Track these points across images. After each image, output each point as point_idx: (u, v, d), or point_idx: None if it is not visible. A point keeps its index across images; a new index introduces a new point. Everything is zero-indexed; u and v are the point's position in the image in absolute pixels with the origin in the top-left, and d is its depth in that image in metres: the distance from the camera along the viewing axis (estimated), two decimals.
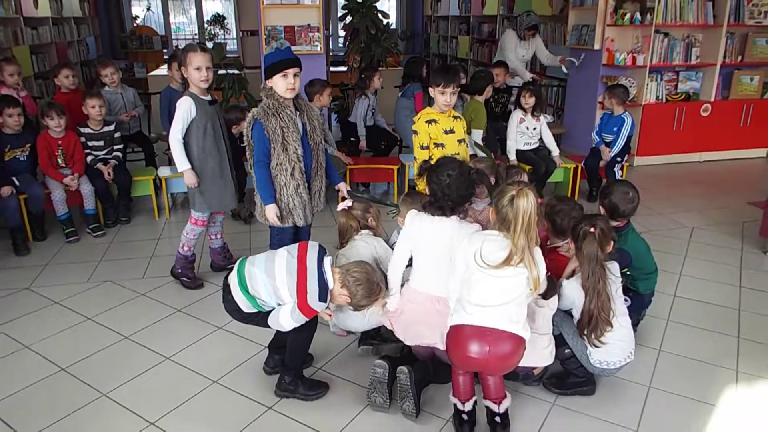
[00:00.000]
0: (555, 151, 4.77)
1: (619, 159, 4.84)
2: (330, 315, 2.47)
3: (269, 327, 2.35)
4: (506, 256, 2.03)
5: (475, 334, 2.06)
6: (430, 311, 2.40)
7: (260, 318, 2.35)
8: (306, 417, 2.36)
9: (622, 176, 4.88)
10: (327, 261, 2.31)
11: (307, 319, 2.29)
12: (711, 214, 4.65)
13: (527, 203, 2.01)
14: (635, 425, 2.30)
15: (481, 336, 2.05)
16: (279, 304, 2.30)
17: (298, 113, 2.85)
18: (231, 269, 3.39)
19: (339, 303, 2.38)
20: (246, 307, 2.33)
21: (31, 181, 4.08)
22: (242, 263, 2.36)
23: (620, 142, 4.77)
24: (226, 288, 2.36)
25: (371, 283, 2.30)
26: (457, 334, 2.11)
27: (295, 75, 2.74)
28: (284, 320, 2.28)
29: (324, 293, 2.25)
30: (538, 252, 2.10)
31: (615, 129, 4.81)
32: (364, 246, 2.80)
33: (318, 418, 2.35)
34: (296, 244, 2.39)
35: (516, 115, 4.70)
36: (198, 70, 3.06)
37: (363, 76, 5.18)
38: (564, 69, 6.05)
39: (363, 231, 2.91)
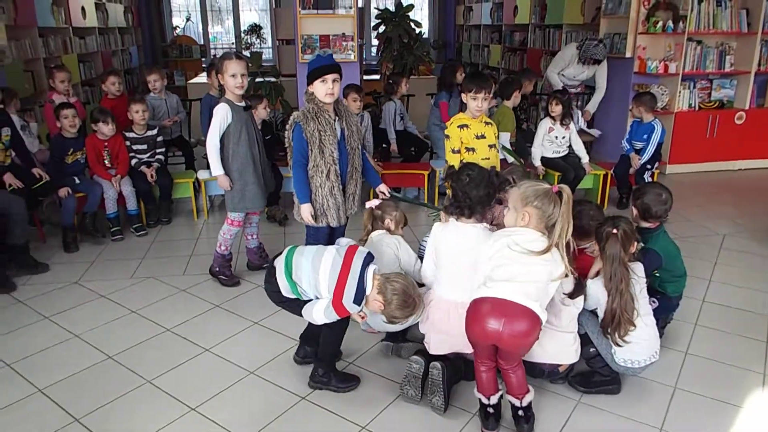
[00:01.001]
0: (585, 158, 4.80)
1: (649, 166, 4.84)
2: (363, 317, 2.52)
3: (301, 316, 2.45)
4: (541, 248, 2.12)
5: (493, 307, 2.10)
6: (453, 318, 2.46)
7: (295, 305, 2.46)
8: (337, 407, 2.46)
9: None
10: (371, 268, 2.37)
11: (339, 318, 2.39)
12: (744, 221, 4.62)
13: (569, 199, 2.14)
14: (660, 424, 2.34)
15: (498, 308, 2.09)
16: (316, 297, 2.41)
17: (337, 118, 2.98)
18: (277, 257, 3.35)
19: (373, 309, 2.42)
20: (285, 291, 2.43)
21: (90, 182, 4.31)
22: (291, 251, 2.46)
23: (650, 149, 4.78)
24: (271, 270, 2.46)
25: (407, 296, 2.34)
26: (475, 306, 2.16)
27: (334, 81, 2.85)
28: (317, 314, 2.38)
29: (360, 297, 2.32)
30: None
31: (645, 136, 4.82)
32: (385, 245, 2.88)
33: (349, 409, 2.45)
34: (346, 246, 2.46)
35: (545, 123, 4.74)
36: (233, 77, 3.22)
37: (390, 81, 5.30)
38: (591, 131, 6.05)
39: (379, 231, 2.98)
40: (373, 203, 3.00)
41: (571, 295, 2.37)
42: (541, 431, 2.30)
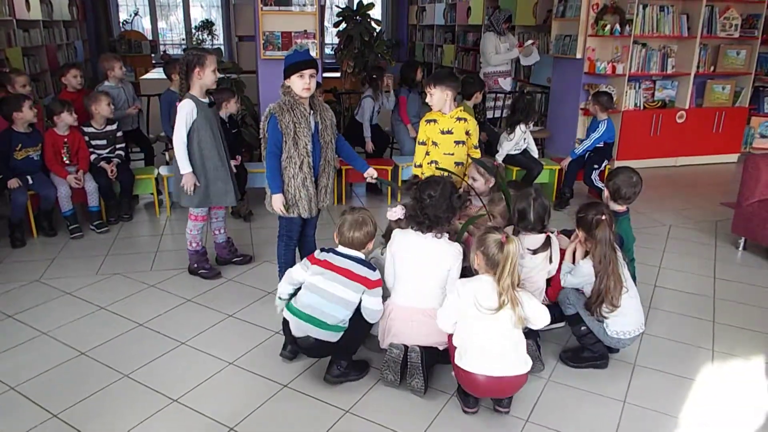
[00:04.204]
0: (535, 153, 5.06)
1: (596, 166, 5.03)
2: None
3: (365, 332, 2.64)
4: (495, 305, 2.24)
5: (487, 384, 2.27)
6: (415, 323, 2.59)
7: (352, 332, 2.55)
8: (320, 393, 2.52)
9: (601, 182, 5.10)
10: (339, 249, 2.56)
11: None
12: (687, 213, 4.94)
13: (515, 248, 2.25)
14: (623, 397, 2.52)
15: (491, 383, 2.27)
16: (345, 308, 2.52)
17: (312, 112, 3.03)
18: (237, 263, 3.55)
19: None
20: (333, 338, 2.51)
21: (45, 182, 4.14)
22: (290, 307, 2.57)
23: (586, 143, 4.99)
24: (306, 350, 2.60)
25: (354, 220, 2.57)
26: (468, 379, 2.30)
27: (311, 76, 2.91)
28: (374, 305, 2.54)
29: (368, 263, 2.54)
30: (524, 293, 2.33)
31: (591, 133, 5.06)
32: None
33: (331, 394, 2.52)
34: (306, 260, 2.62)
35: (520, 129, 4.87)
36: (215, 72, 3.28)
37: (374, 76, 5.21)
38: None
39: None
40: (397, 214, 2.85)
41: (536, 251, 2.48)
42: (516, 408, 2.43)
